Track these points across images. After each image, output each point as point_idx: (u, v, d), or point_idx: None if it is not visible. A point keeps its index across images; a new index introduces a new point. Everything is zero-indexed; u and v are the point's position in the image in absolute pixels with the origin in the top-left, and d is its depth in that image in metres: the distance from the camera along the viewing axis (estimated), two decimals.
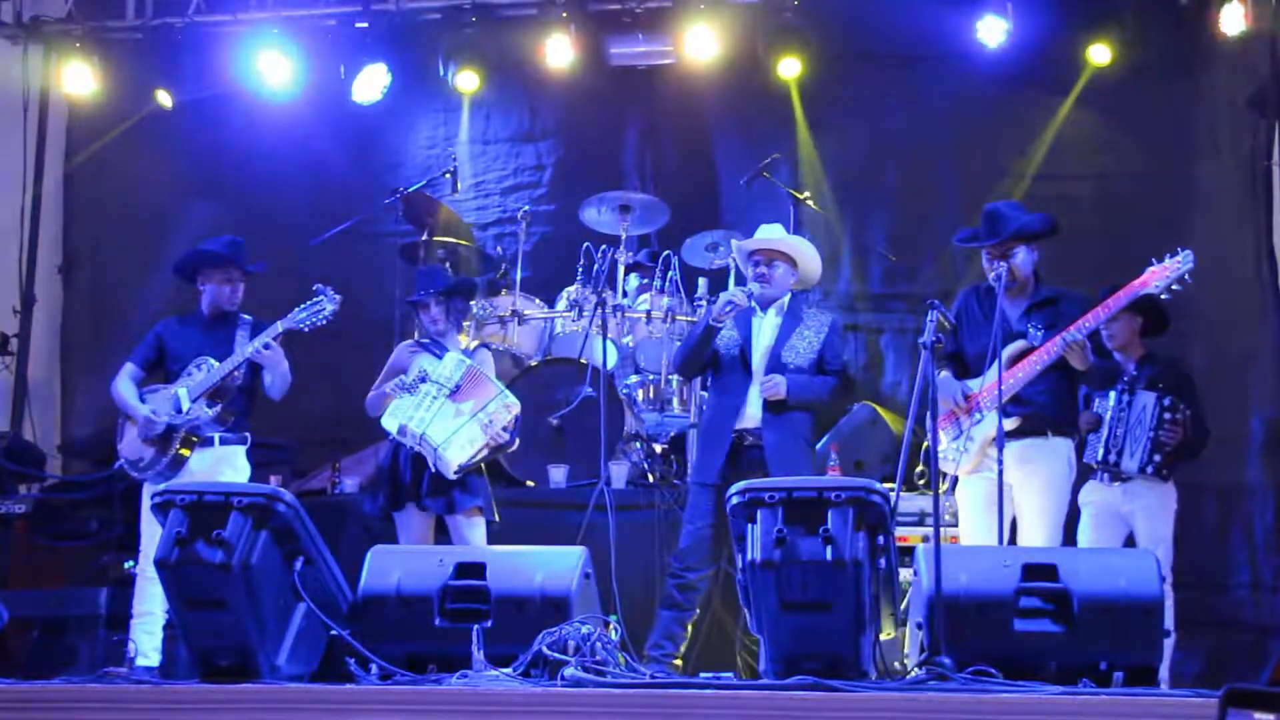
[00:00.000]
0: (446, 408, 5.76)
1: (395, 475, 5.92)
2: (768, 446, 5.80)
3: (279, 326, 6.00)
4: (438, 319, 6.09)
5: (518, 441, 6.02)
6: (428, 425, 5.73)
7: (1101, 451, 5.81)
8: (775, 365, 5.92)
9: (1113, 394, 5.84)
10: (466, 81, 8.48)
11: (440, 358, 5.97)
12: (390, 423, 5.84)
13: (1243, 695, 3.14)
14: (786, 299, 6.07)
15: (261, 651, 4.65)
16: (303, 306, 6.04)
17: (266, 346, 5.95)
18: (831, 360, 6.01)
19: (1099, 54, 7.77)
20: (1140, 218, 7.73)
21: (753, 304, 5.97)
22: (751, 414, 5.88)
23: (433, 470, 5.78)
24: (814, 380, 5.93)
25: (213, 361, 6.02)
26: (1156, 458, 5.80)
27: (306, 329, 6.03)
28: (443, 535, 5.98)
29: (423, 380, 5.84)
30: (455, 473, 5.74)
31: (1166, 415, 5.81)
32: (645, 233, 7.89)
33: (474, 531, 5.89)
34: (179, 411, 5.98)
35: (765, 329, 6.01)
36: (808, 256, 6.15)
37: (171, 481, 5.71)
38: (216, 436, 6.05)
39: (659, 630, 5.80)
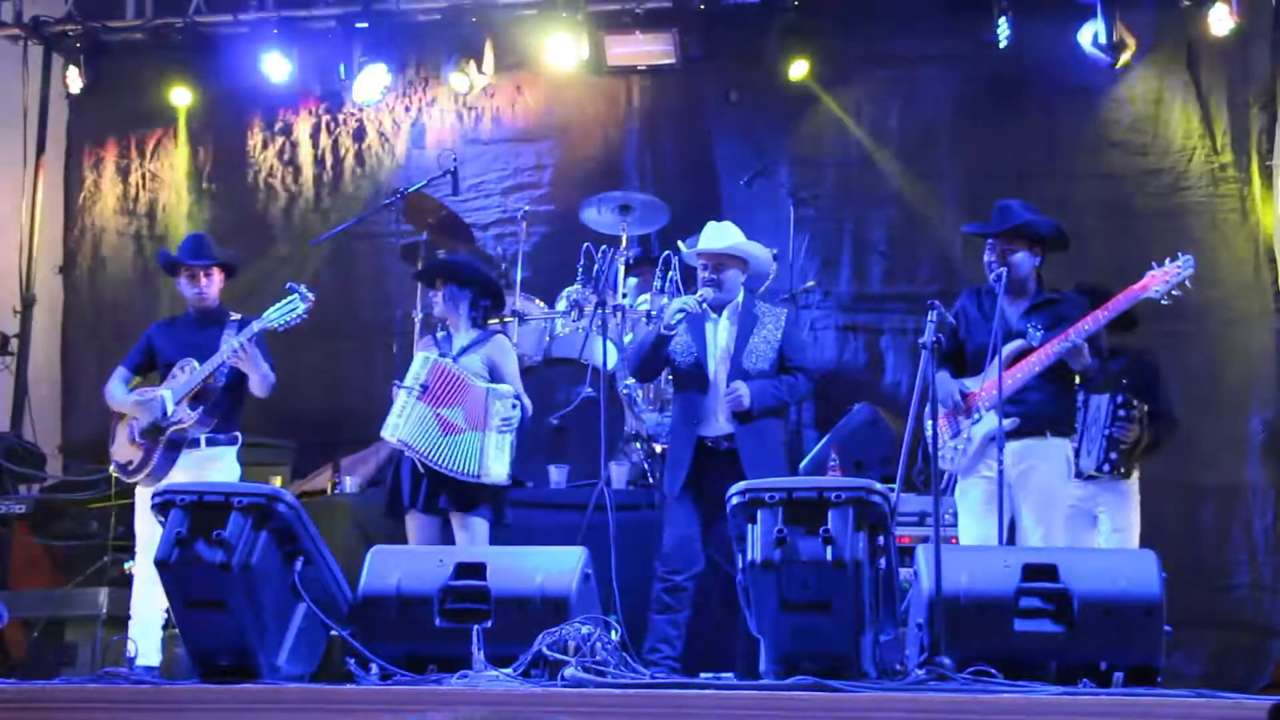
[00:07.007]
0: (419, 409, 5.78)
1: (396, 483, 5.95)
2: (742, 459, 5.74)
3: (254, 327, 5.97)
4: (437, 303, 6.07)
5: (529, 408, 6.00)
6: (400, 430, 5.77)
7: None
8: (737, 372, 5.85)
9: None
10: (465, 81, 8.48)
11: (452, 356, 5.95)
12: (384, 432, 5.91)
13: None
14: (740, 298, 6.01)
15: (261, 651, 4.64)
16: (276, 306, 6.00)
17: (241, 347, 5.92)
18: (793, 355, 5.94)
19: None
20: (1140, 218, 7.73)
21: (704, 308, 5.91)
22: (718, 423, 5.85)
23: (422, 472, 5.80)
24: (778, 384, 5.87)
25: (195, 364, 6.00)
26: (1113, 456, 5.92)
27: (280, 328, 5.98)
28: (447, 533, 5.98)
29: (398, 386, 5.87)
30: (508, 480, 5.84)
31: (1120, 413, 5.94)
32: (645, 233, 7.88)
33: (477, 530, 5.89)
34: (164, 415, 5.97)
35: (721, 334, 5.96)
36: (757, 257, 6.08)
37: (166, 483, 5.71)
38: (203, 438, 6.03)
39: (654, 635, 5.79)
